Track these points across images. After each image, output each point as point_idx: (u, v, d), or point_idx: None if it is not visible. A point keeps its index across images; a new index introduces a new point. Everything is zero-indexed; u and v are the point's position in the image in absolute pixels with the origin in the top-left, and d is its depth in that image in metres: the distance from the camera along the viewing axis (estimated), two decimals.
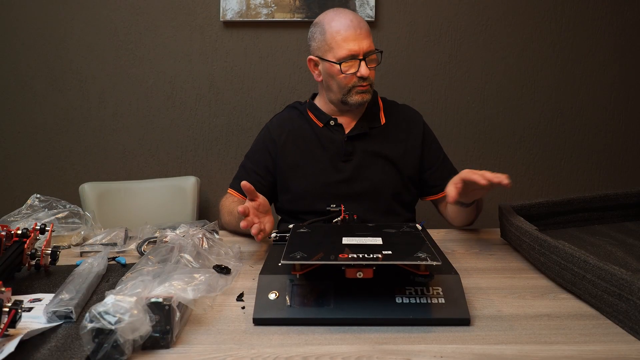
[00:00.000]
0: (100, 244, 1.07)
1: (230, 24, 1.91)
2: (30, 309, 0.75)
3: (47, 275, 0.92)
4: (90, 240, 1.09)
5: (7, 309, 0.62)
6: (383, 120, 1.30)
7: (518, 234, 0.99)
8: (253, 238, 0.99)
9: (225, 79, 1.95)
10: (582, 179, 2.00)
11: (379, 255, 0.73)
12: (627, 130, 1.97)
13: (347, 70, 1.18)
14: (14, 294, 0.79)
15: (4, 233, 0.89)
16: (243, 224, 0.96)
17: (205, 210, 1.99)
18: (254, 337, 0.69)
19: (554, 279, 0.87)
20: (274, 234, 1.00)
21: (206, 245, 0.98)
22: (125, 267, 0.96)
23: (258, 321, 0.73)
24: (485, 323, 0.72)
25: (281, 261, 0.73)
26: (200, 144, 1.99)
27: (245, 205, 0.98)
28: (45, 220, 1.09)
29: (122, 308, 0.61)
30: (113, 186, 1.84)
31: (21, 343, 0.62)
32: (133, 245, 1.08)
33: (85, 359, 0.60)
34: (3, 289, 0.63)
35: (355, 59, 1.17)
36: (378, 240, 0.83)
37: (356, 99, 1.21)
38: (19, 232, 0.90)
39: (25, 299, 0.79)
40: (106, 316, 0.60)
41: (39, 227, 0.95)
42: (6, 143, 1.97)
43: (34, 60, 1.92)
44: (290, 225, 0.99)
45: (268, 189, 1.31)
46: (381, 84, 1.91)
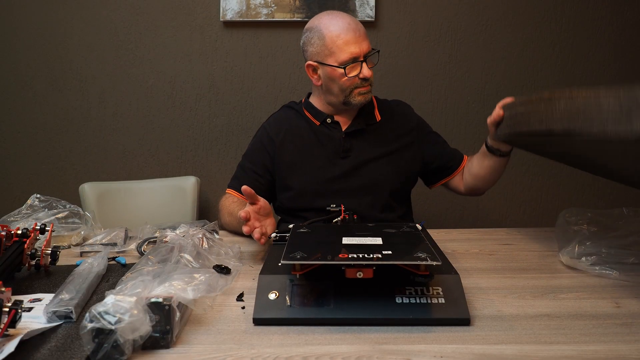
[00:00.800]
0: (100, 244, 1.07)
1: (230, 24, 1.91)
2: (30, 309, 0.75)
3: (47, 275, 0.92)
4: (90, 240, 1.09)
5: (7, 309, 0.62)
6: (378, 117, 1.33)
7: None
8: (252, 237, 0.99)
9: (225, 79, 1.95)
10: (582, 179, 2.00)
11: (379, 255, 0.73)
12: None
13: (350, 72, 1.19)
14: (14, 294, 0.79)
15: (4, 233, 0.89)
16: (245, 229, 0.97)
17: (205, 210, 1.99)
18: (254, 337, 0.69)
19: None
20: (273, 234, 1.01)
21: (206, 245, 0.98)
22: (125, 267, 0.96)
23: (258, 321, 0.73)
24: (485, 323, 0.72)
25: (281, 261, 0.73)
26: (200, 144, 1.99)
27: (246, 209, 0.99)
28: (45, 220, 1.10)
29: (122, 308, 0.61)
30: (113, 186, 1.84)
31: (21, 343, 0.62)
32: (133, 245, 1.08)
33: (85, 359, 0.60)
34: (3, 289, 0.63)
35: (357, 61, 1.18)
36: (378, 240, 0.83)
37: (359, 99, 1.23)
38: (19, 232, 0.90)
39: (25, 299, 0.79)
40: (106, 316, 0.60)
41: (39, 227, 0.96)
42: (6, 143, 1.97)
43: (34, 60, 1.92)
44: (290, 226, 0.99)
45: (267, 187, 1.32)
46: (381, 84, 1.91)
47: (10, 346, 0.60)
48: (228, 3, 1.86)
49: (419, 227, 0.96)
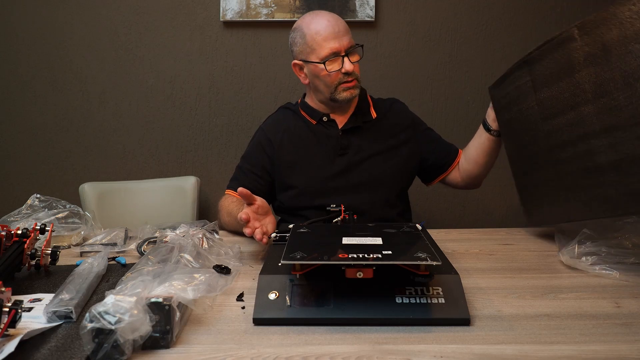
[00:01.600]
0: (100, 244, 1.07)
1: (230, 24, 1.91)
2: (30, 309, 0.75)
3: (47, 275, 0.92)
4: (90, 240, 1.09)
5: (7, 309, 0.62)
6: (374, 115, 1.35)
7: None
8: (253, 238, 0.99)
9: (225, 79, 1.95)
10: None
11: (378, 255, 0.73)
12: None
13: (332, 68, 1.21)
14: (14, 294, 0.79)
15: (4, 233, 0.89)
16: (247, 231, 0.98)
17: (205, 210, 2.00)
18: (254, 337, 0.69)
19: None
20: (273, 234, 1.01)
21: (206, 245, 0.98)
22: (125, 267, 0.96)
23: (258, 321, 0.73)
24: (485, 323, 0.72)
25: (281, 261, 0.73)
26: (200, 144, 1.99)
27: (245, 211, 0.99)
28: (45, 220, 1.10)
29: (122, 308, 0.61)
30: (113, 186, 1.84)
31: (21, 343, 0.62)
32: (133, 245, 1.08)
33: (85, 359, 0.60)
34: (3, 289, 0.63)
35: (338, 56, 1.21)
36: (378, 240, 0.83)
37: (344, 95, 1.24)
38: (19, 232, 0.90)
39: (25, 299, 0.79)
40: (106, 316, 0.60)
41: (39, 227, 0.95)
42: (6, 143, 1.97)
43: (34, 60, 1.93)
44: (290, 225, 0.99)
45: (266, 188, 1.33)
46: (381, 84, 1.91)
47: (10, 346, 0.60)
48: (228, 3, 1.86)
49: (419, 227, 0.96)
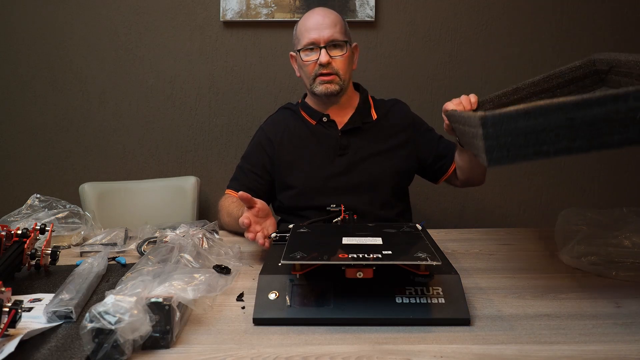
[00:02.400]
0: (100, 244, 1.07)
1: (230, 24, 1.91)
2: (30, 309, 0.75)
3: (47, 275, 0.92)
4: (90, 240, 1.09)
5: (7, 309, 0.62)
6: (374, 116, 1.35)
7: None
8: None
9: (225, 79, 1.95)
10: (582, 179, 2.00)
11: (378, 255, 0.73)
12: None
13: (309, 58, 1.24)
14: (14, 294, 0.79)
15: (4, 233, 0.89)
16: (249, 235, 0.99)
17: (205, 210, 1.99)
18: (254, 337, 0.69)
19: None
20: (273, 234, 1.01)
21: (206, 245, 0.98)
22: (125, 267, 0.96)
23: (258, 321, 0.73)
24: (485, 323, 0.72)
25: (281, 261, 0.73)
26: (200, 144, 1.99)
27: (246, 215, 1.00)
28: (45, 220, 1.10)
29: (122, 308, 0.61)
30: (113, 186, 1.84)
31: (21, 343, 0.62)
32: (133, 245, 1.08)
33: (85, 359, 0.60)
34: (3, 289, 0.63)
35: (316, 47, 1.23)
36: (378, 240, 0.83)
37: (320, 89, 1.26)
38: (19, 232, 0.90)
39: (25, 299, 0.79)
40: (106, 316, 0.60)
41: (39, 227, 0.96)
42: (6, 143, 1.97)
43: (34, 60, 1.92)
44: (290, 226, 0.99)
45: (266, 188, 1.33)
46: (381, 84, 1.91)
47: (10, 346, 0.60)
48: (228, 3, 1.86)
49: (419, 227, 0.96)
